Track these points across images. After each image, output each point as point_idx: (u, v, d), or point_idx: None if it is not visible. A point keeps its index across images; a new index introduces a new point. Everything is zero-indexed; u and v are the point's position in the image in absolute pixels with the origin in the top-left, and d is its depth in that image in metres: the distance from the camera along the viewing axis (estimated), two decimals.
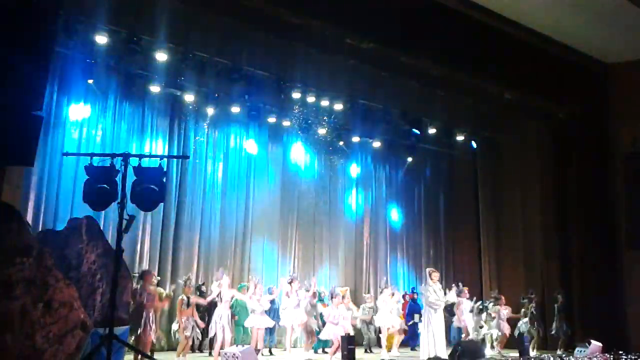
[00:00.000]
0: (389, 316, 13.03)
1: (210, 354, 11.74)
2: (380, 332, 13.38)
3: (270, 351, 12.81)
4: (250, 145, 14.89)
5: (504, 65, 13.54)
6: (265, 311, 11.68)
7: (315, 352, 12.99)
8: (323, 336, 12.16)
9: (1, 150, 6.38)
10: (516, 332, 14.09)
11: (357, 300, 14.72)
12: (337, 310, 11.76)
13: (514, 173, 17.34)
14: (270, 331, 12.63)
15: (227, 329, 10.45)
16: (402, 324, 13.69)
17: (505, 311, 14.10)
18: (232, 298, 11.15)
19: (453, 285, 14.18)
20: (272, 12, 10.89)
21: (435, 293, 11.40)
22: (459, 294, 13.64)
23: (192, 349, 12.31)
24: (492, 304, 14.34)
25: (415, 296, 15.03)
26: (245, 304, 11.86)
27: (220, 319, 10.45)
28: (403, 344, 14.19)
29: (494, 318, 14.04)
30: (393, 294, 13.41)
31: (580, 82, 15.23)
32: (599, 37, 13.97)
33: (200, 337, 11.88)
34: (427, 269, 12.27)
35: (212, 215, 14.06)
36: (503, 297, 14.47)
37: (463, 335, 13.52)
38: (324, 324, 12.28)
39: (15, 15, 6.35)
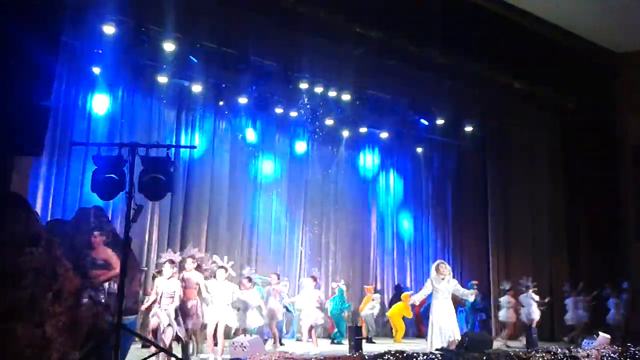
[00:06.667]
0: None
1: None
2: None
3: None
4: (250, 134, 14.72)
5: (513, 55, 13.48)
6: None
7: (335, 342, 13.08)
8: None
9: (10, 140, 6.41)
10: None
11: (363, 293, 14.77)
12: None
13: (523, 163, 17.25)
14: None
15: (221, 322, 9.67)
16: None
17: (537, 297, 14.05)
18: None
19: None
20: (280, 2, 10.85)
21: (440, 286, 11.23)
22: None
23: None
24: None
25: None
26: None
27: (215, 310, 9.66)
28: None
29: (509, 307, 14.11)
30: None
31: (589, 72, 15.15)
32: (608, 27, 13.89)
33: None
34: (436, 261, 12.09)
35: (219, 205, 14.04)
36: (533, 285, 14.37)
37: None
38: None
39: (23, 6, 6.36)
